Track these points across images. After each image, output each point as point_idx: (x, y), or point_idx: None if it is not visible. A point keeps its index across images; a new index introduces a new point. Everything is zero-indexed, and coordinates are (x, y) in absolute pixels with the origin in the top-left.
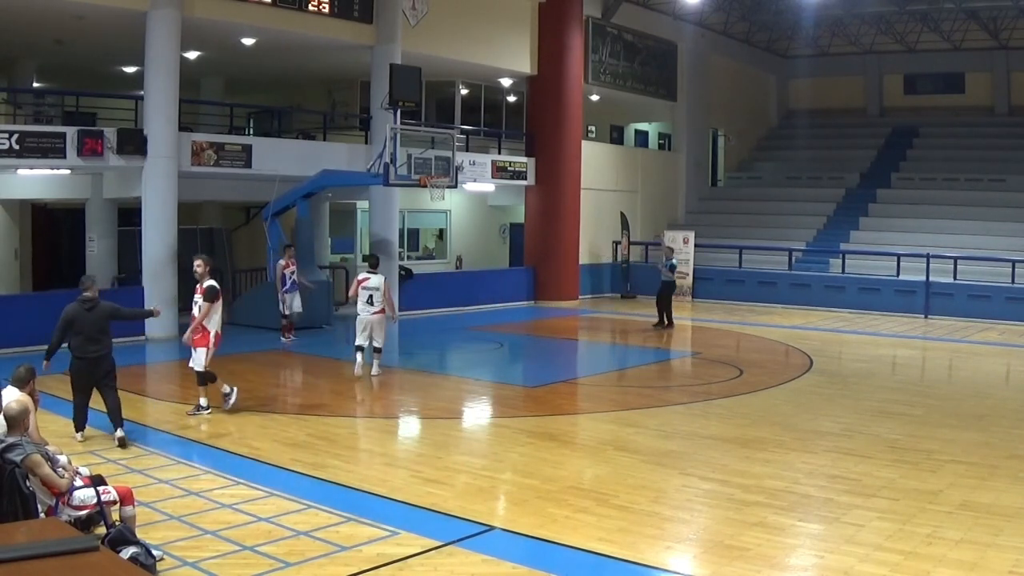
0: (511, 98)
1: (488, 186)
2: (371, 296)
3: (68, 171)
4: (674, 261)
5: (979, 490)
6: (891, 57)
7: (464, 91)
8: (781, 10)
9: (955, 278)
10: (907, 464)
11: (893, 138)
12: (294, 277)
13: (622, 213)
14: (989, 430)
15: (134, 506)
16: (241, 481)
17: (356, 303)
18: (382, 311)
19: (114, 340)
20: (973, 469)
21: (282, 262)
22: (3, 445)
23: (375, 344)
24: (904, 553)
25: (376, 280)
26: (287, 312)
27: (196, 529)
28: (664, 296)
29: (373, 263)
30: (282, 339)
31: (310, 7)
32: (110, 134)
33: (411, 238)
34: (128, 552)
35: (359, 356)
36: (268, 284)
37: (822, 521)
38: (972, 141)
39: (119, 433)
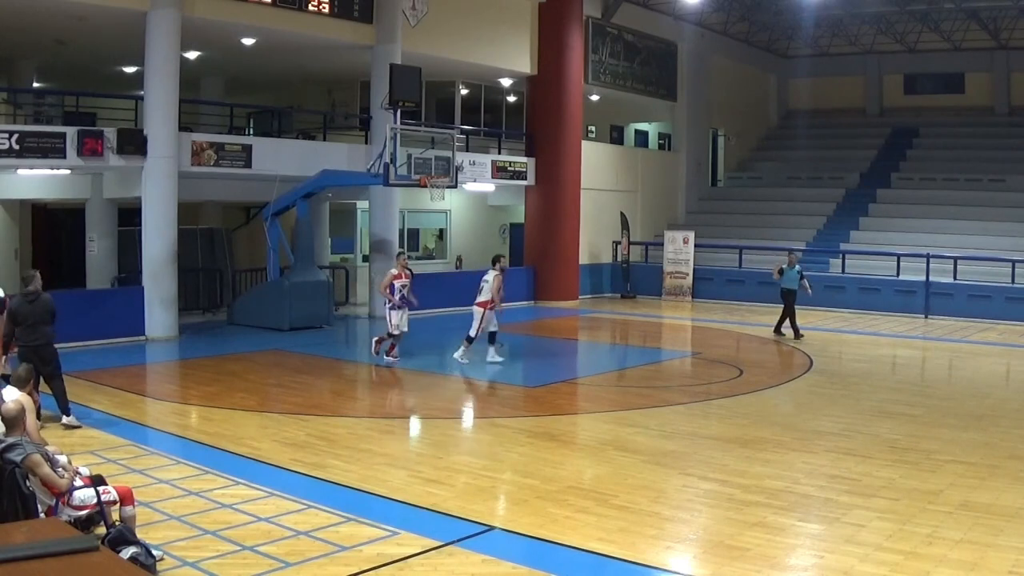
0: (511, 98)
1: (488, 186)
2: (481, 288)
3: (68, 171)
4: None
5: (979, 490)
6: (891, 57)
7: (464, 91)
8: (781, 10)
9: (955, 278)
10: (907, 464)
11: (893, 138)
12: (404, 291)
13: (622, 213)
14: (989, 430)
15: (134, 506)
16: (241, 481)
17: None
18: (485, 303)
19: (114, 339)
20: (973, 469)
21: (393, 271)
22: (3, 445)
23: (469, 333)
24: (904, 553)
25: (488, 275)
26: (394, 331)
27: (196, 529)
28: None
29: (493, 260)
30: (374, 354)
31: (310, 7)
32: (110, 134)
33: (411, 238)
34: (128, 552)
35: (490, 347)
36: (267, 284)
37: (822, 521)
38: (972, 141)
39: (66, 420)
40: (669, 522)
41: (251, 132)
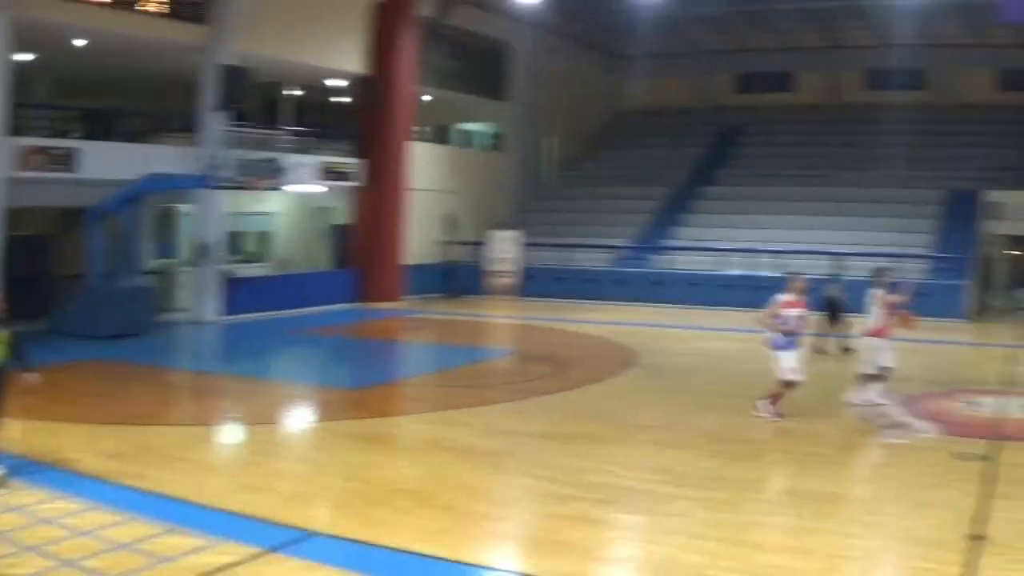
0: (341, 99)
1: (315, 187)
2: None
3: None
4: None
5: (799, 477)
6: (723, 56)
7: (293, 92)
8: (616, 10)
9: (778, 272)
10: (728, 455)
11: (722, 136)
12: (799, 323)
13: (450, 213)
14: (810, 418)
15: None
16: (58, 494)
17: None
18: (875, 331)
19: None
20: (793, 457)
21: (782, 297)
22: None
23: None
24: (727, 541)
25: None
26: (790, 377)
27: (14, 546)
28: None
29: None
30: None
31: (141, 7)
32: None
33: (236, 240)
34: None
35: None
36: (89, 291)
37: (644, 513)
38: (799, 139)
39: None
40: (492, 520)
41: (81, 135)
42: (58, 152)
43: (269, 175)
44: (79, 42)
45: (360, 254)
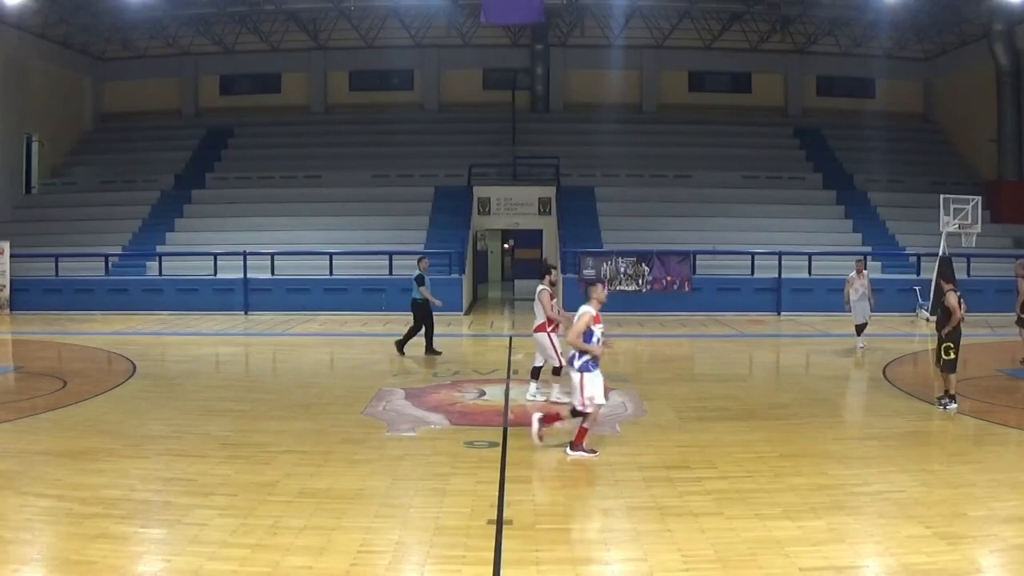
0: None
1: None
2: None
3: None
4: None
5: (316, 476)
6: (208, 58)
7: None
8: (99, 11)
9: (273, 273)
10: (241, 459)
11: (208, 139)
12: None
13: None
14: (319, 418)
15: None
16: None
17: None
18: (543, 327)
19: None
20: (307, 457)
21: (589, 310)
22: None
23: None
24: (251, 546)
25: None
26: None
27: None
28: None
29: (542, 272)
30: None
31: None
32: None
33: None
34: None
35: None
36: None
37: (164, 525)
38: (288, 140)
39: None
40: (12, 544)
41: None
42: None
43: None
44: None
45: None
